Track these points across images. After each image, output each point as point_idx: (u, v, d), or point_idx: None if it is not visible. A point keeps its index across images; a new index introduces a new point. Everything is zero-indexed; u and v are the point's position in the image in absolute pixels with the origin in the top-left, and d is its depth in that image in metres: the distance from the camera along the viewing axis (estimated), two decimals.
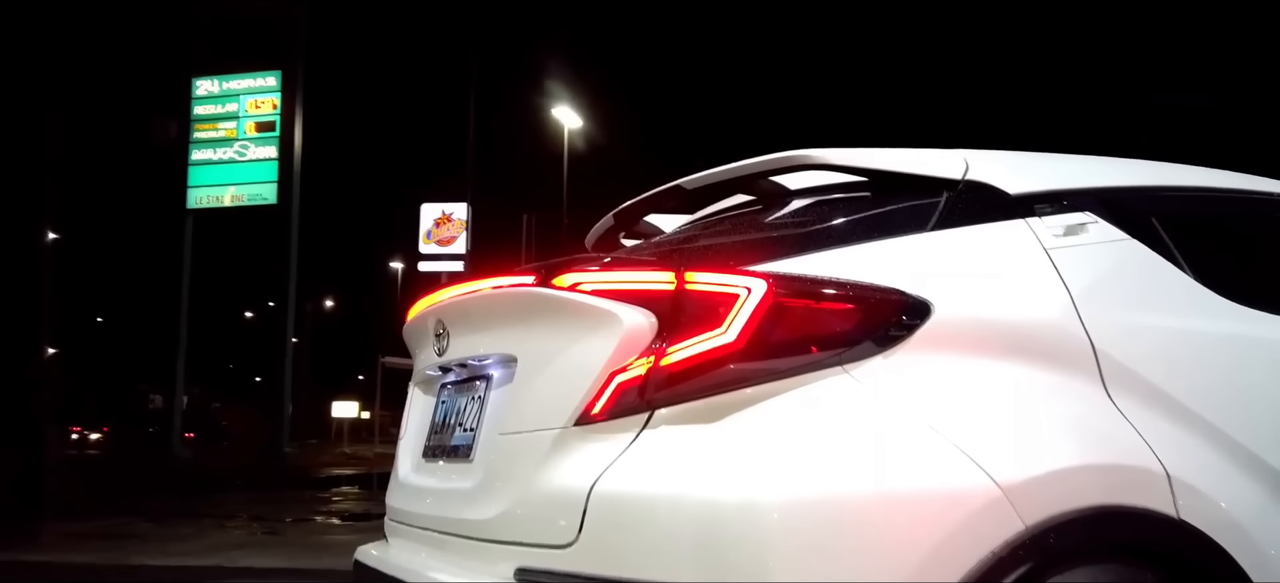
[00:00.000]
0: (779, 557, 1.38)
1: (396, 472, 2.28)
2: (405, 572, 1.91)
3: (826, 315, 1.55)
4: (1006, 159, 1.95)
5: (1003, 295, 1.69)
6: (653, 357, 1.54)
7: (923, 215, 1.78)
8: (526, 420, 1.68)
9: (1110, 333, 1.69)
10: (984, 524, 1.43)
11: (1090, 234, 1.84)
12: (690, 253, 1.80)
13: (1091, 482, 1.54)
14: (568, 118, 25.93)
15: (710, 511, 1.42)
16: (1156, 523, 1.56)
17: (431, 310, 2.07)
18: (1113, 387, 1.65)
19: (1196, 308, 1.86)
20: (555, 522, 1.54)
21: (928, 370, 1.54)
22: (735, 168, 2.08)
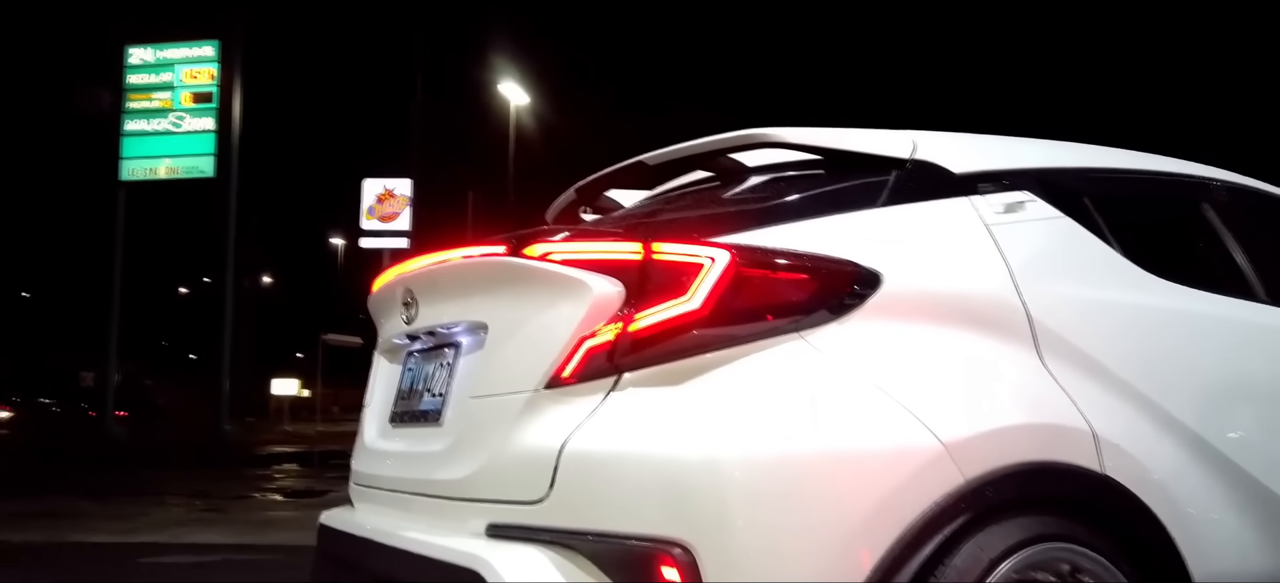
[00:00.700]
0: (739, 509, 1.47)
1: (362, 438, 2.33)
2: (375, 533, 1.97)
3: (785, 285, 1.65)
4: (951, 140, 2.07)
5: (947, 268, 1.80)
6: (621, 323, 1.62)
7: (873, 192, 1.88)
8: (497, 384, 1.75)
9: (1044, 304, 1.81)
10: (928, 478, 1.55)
11: (1027, 212, 1.97)
12: (656, 225, 1.88)
13: (1025, 440, 1.66)
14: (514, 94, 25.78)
15: (675, 467, 1.51)
16: (1083, 478, 1.69)
17: (399, 280, 2.13)
18: (1046, 353, 1.77)
19: (1122, 281, 2.00)
20: (527, 480, 1.62)
21: (878, 337, 1.65)
22: (696, 145, 2.16)
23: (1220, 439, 1.91)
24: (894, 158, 1.97)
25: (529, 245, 1.75)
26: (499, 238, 1.84)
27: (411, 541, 1.79)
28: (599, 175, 2.45)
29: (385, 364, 2.35)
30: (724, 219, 1.80)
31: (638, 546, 1.49)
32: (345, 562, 2.09)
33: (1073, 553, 1.66)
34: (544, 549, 1.57)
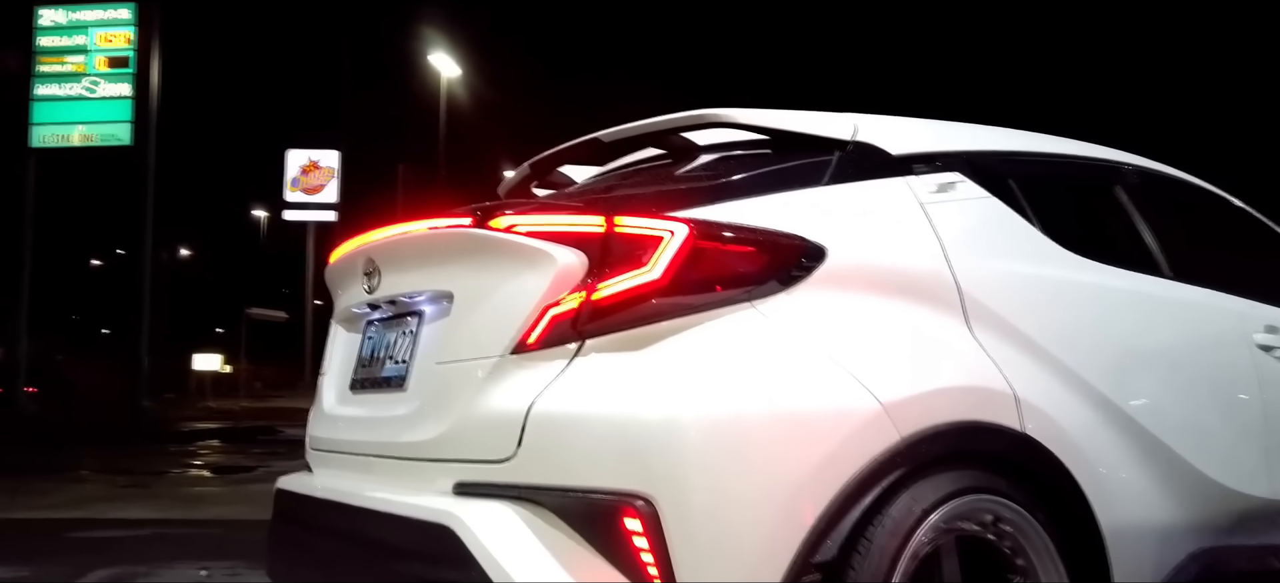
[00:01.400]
0: (697, 464, 1.59)
1: (320, 405, 2.39)
2: (340, 494, 2.04)
3: (738, 257, 1.76)
4: (889, 123, 2.21)
5: (885, 243, 1.94)
6: (584, 292, 1.72)
7: (818, 171, 2.01)
8: (464, 350, 1.83)
9: (973, 277, 1.97)
10: (868, 435, 1.68)
11: (958, 192, 2.12)
12: (616, 199, 1.97)
13: (954, 401, 1.81)
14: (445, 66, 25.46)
15: (638, 426, 1.62)
16: (1006, 436, 1.85)
17: (361, 250, 2.18)
18: (973, 322, 1.93)
19: (1042, 257, 2.17)
20: (495, 439, 1.71)
21: (823, 306, 1.78)
22: (650, 123, 2.26)
23: (1127, 402, 2.09)
24: (836, 139, 2.10)
25: (495, 217, 1.84)
26: (464, 209, 1.92)
27: (379, 500, 1.86)
28: (554, 151, 2.53)
29: (343, 333, 2.41)
30: (680, 195, 1.90)
31: (602, 499, 1.60)
32: (307, 524, 2.15)
33: (995, 504, 1.82)
34: (512, 504, 1.66)
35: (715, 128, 2.22)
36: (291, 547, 2.25)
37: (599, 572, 1.59)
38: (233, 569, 4.37)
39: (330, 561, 2.03)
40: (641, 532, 1.56)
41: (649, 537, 1.56)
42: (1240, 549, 2.26)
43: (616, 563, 1.58)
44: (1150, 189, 2.62)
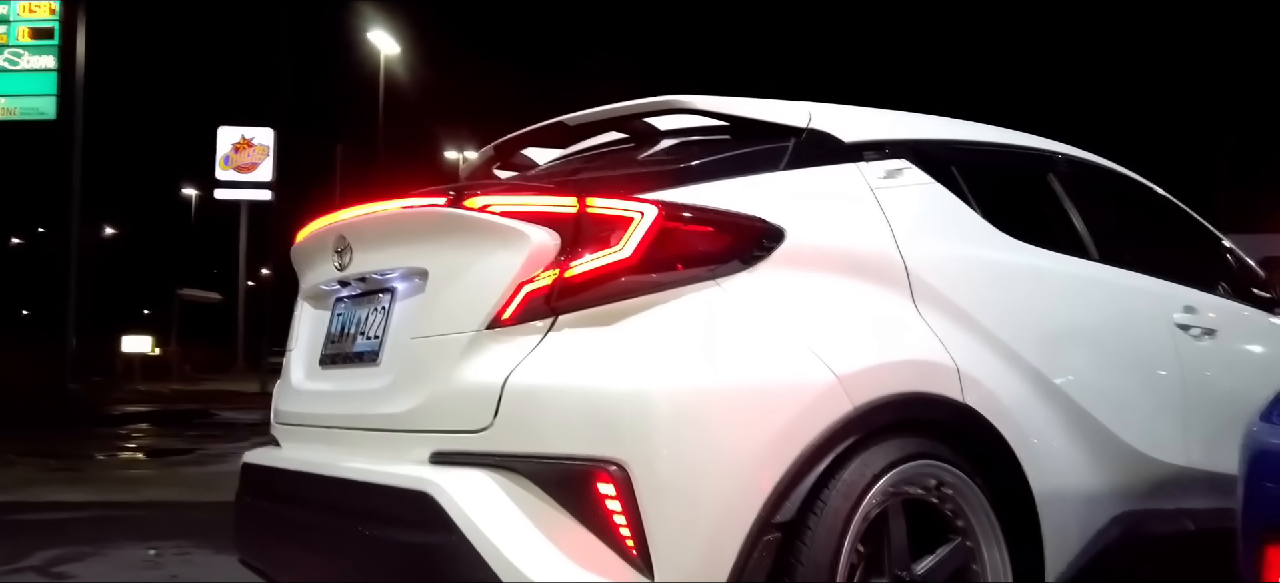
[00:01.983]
0: (667, 432, 1.68)
1: (288, 380, 2.43)
2: (314, 466, 2.09)
3: (703, 237, 1.86)
4: (841, 112, 2.32)
5: (839, 226, 2.06)
6: (557, 270, 1.80)
7: (776, 157, 2.12)
8: (439, 325, 1.90)
9: (919, 258, 2.10)
10: (824, 405, 1.80)
11: (905, 178, 2.25)
12: (587, 182, 2.05)
13: (902, 374, 1.94)
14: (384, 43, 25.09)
15: (611, 397, 1.71)
16: (949, 407, 1.99)
17: (332, 228, 2.23)
18: (919, 300, 2.06)
19: (981, 240, 2.31)
20: (472, 410, 1.78)
21: (782, 285, 1.89)
22: (614, 108, 2.34)
23: (1057, 376, 2.25)
24: (792, 127, 2.21)
25: (469, 197, 1.91)
26: (438, 189, 1.98)
27: (356, 470, 1.92)
28: (518, 134, 2.60)
29: (310, 310, 2.45)
30: (648, 178, 1.99)
31: (577, 465, 1.69)
32: (279, 497, 2.20)
33: (938, 469, 1.96)
34: (489, 472, 1.74)
35: (677, 114, 2.31)
36: (262, 519, 2.30)
37: (573, 533, 1.68)
38: (181, 549, 4.36)
39: (304, 531, 2.08)
40: (615, 495, 1.66)
41: (622, 500, 1.65)
42: (1158, 513, 2.44)
43: (589, 525, 1.68)
44: (1080, 177, 2.79)
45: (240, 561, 2.49)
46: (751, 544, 1.69)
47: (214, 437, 11.40)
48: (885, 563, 1.89)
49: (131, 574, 3.81)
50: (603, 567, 1.66)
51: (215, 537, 4.51)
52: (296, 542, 2.10)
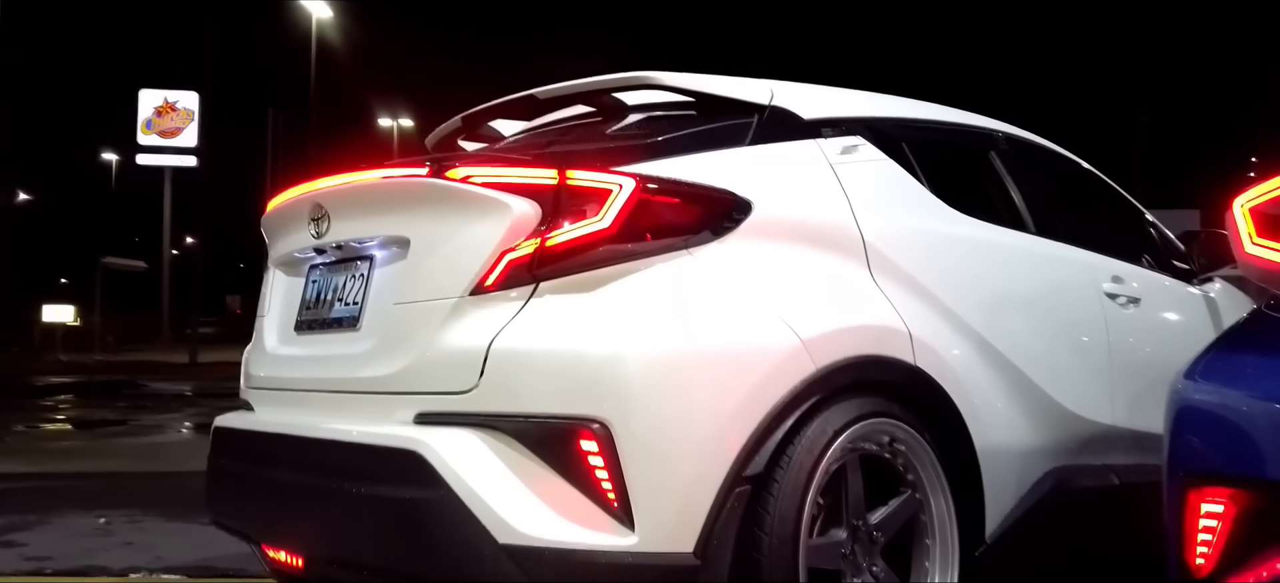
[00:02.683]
0: (647, 392, 1.79)
1: (261, 346, 2.47)
2: (295, 428, 2.15)
3: (677, 209, 1.96)
4: (800, 89, 2.44)
5: (801, 198, 2.18)
6: (538, 238, 1.88)
7: (742, 132, 2.22)
8: (422, 292, 1.97)
9: (874, 230, 2.23)
10: (789, 366, 1.92)
11: (860, 153, 2.37)
12: (564, 154, 2.13)
13: (860, 338, 2.07)
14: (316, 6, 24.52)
15: (593, 359, 1.80)
16: (901, 369, 2.13)
17: (308, 197, 2.27)
18: (875, 269, 2.19)
19: (930, 213, 2.45)
20: (457, 373, 1.86)
21: (750, 254, 2.00)
22: (585, 83, 2.42)
23: (998, 341, 2.41)
24: (756, 104, 2.31)
25: (451, 168, 1.97)
26: (420, 160, 2.04)
27: (343, 431, 1.99)
28: (487, 106, 2.66)
29: (283, 277, 2.49)
30: (622, 151, 2.08)
31: (561, 423, 1.78)
32: (259, 458, 2.25)
33: (891, 426, 2.10)
34: (474, 431, 1.83)
35: (645, 89, 2.40)
36: (239, 481, 2.34)
37: (557, 488, 1.78)
38: (131, 516, 4.34)
39: (286, 491, 2.13)
40: (597, 452, 1.76)
41: (604, 456, 1.75)
42: (1086, 468, 2.63)
43: (572, 480, 1.77)
44: (1017, 153, 2.96)
45: (213, 522, 2.53)
46: (724, 496, 1.80)
47: (145, 408, 11.17)
48: (843, 514, 2.02)
49: (84, 542, 3.79)
50: (586, 519, 1.76)
51: (163, 506, 4.50)
52: (279, 502, 2.15)
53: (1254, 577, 1.47)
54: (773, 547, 1.83)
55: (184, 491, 5.07)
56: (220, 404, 11.67)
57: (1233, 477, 1.51)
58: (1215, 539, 1.53)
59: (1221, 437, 1.55)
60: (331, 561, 2.05)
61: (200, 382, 15.51)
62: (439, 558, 1.77)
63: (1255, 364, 1.57)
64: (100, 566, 3.39)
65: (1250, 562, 1.49)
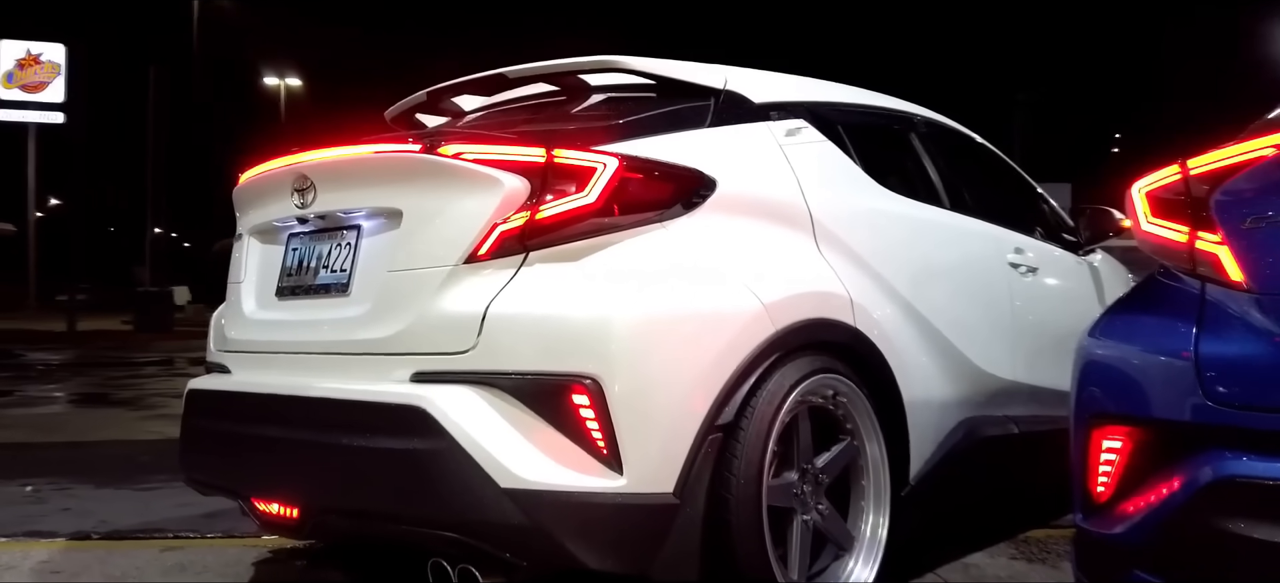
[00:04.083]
0: (635, 351, 1.99)
1: (239, 311, 2.56)
2: (286, 387, 2.27)
3: (654, 185, 2.16)
4: (750, 75, 2.66)
5: (757, 176, 2.41)
6: (528, 212, 2.05)
7: (702, 115, 2.43)
8: (417, 260, 2.12)
9: (819, 205, 2.47)
10: (753, 328, 2.15)
11: (804, 135, 2.62)
12: (549, 134, 2.29)
13: (811, 302, 2.32)
14: None
15: (582, 322, 1.99)
16: (844, 330, 2.39)
17: (291, 168, 2.37)
18: (820, 241, 2.44)
19: (863, 190, 2.72)
20: (456, 335, 2.02)
21: (715, 227, 2.22)
22: (553, 64, 2.59)
23: (920, 306, 2.70)
24: (711, 88, 2.52)
25: (444, 145, 2.12)
26: (413, 136, 2.18)
27: (344, 389, 2.12)
28: (455, 82, 2.79)
29: (258, 245, 2.58)
30: (599, 132, 2.26)
31: (556, 379, 1.96)
32: (245, 417, 2.35)
33: (835, 381, 2.36)
34: (473, 388, 1.99)
35: (609, 72, 2.58)
36: (223, 440, 2.44)
37: (551, 437, 1.96)
38: (57, 485, 4.29)
39: (278, 446, 2.25)
40: (588, 405, 1.95)
41: (595, 409, 1.95)
42: (991, 419, 2.97)
43: (565, 430, 1.96)
44: (934, 136, 3.26)
45: (190, 482, 2.62)
46: (700, 443, 2.03)
47: (30, 379, 10.69)
48: (795, 459, 2.28)
49: (19, 510, 3.75)
50: (579, 465, 1.95)
51: (86, 474, 4.46)
52: (274, 457, 2.26)
53: (1143, 500, 1.77)
54: (740, 487, 2.06)
55: (103, 459, 5.03)
56: (112, 376, 11.28)
57: (1128, 417, 1.81)
58: (1113, 471, 1.83)
59: (1119, 384, 1.85)
60: (331, 509, 2.18)
61: (82, 351, 14.88)
62: (446, 503, 1.94)
63: (1147, 324, 1.86)
64: (49, 530, 3.38)
65: (1140, 487, 1.79)
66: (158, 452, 5.38)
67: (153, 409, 7.40)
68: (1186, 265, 1.76)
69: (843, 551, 2.39)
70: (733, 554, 2.05)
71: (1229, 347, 1.64)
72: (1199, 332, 1.69)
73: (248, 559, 3.00)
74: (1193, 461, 1.63)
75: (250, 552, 3.09)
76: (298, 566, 2.94)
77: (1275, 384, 1.57)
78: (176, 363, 12.54)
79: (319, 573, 2.84)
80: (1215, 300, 1.69)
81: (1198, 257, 1.73)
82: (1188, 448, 1.65)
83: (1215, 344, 1.66)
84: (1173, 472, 1.68)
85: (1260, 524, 1.52)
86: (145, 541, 3.28)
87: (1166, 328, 1.77)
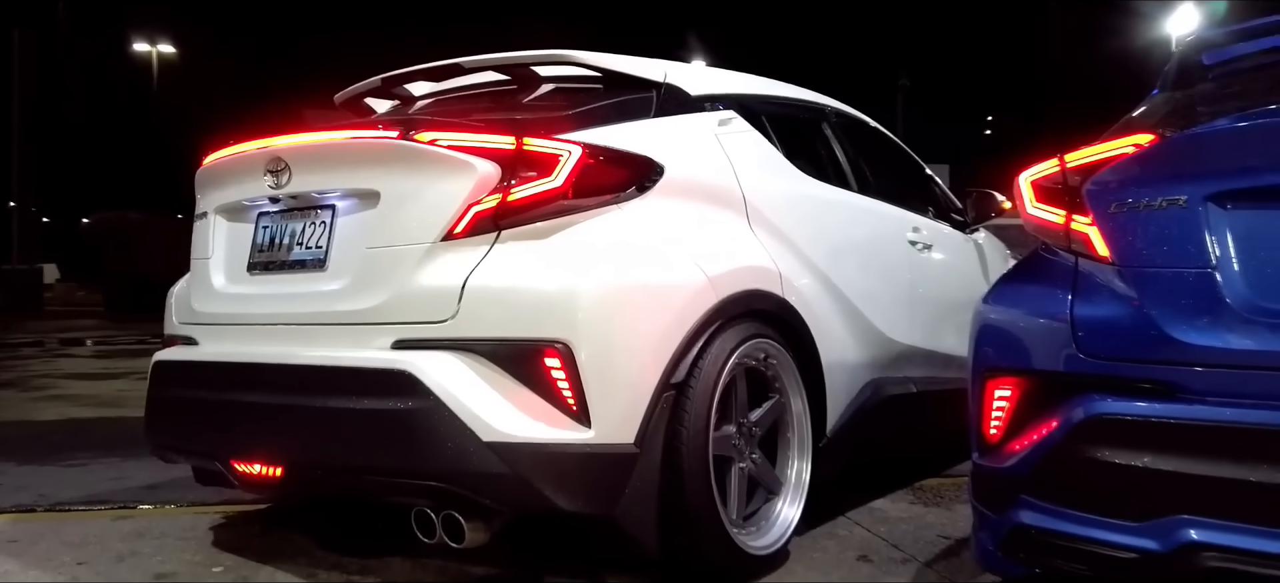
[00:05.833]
0: (600, 317, 2.23)
1: (208, 285, 2.68)
2: (265, 356, 2.42)
3: (612, 171, 2.40)
4: (686, 69, 2.93)
5: (698, 162, 2.68)
6: (500, 194, 2.27)
7: (647, 106, 2.69)
8: (396, 238, 2.31)
9: (751, 189, 2.77)
10: (699, 298, 2.43)
11: (734, 126, 2.90)
12: (516, 122, 2.50)
13: (747, 275, 2.61)
14: None
15: (553, 292, 2.22)
16: (774, 300, 2.69)
17: (264, 151, 2.51)
18: (752, 221, 2.74)
19: (786, 175, 3.03)
20: (435, 306, 2.23)
21: (664, 208, 2.48)
22: (508, 57, 2.80)
23: (836, 278, 3.03)
24: (654, 81, 2.78)
25: (419, 131, 2.31)
26: (389, 122, 2.36)
27: (331, 357, 2.30)
28: (409, 70, 2.97)
29: (225, 223, 2.71)
30: (559, 121, 2.48)
31: (530, 344, 2.19)
32: (222, 384, 2.50)
33: (767, 345, 2.66)
34: (453, 353, 2.21)
35: (560, 65, 2.80)
36: (197, 408, 2.57)
37: (526, 396, 2.19)
38: None
39: (260, 411, 2.40)
40: (560, 367, 2.19)
41: (565, 370, 2.19)
42: (893, 379, 3.34)
43: (538, 390, 2.20)
44: (843, 125, 3.61)
45: (159, 451, 2.74)
46: (656, 400, 2.29)
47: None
48: (733, 414, 2.57)
49: None
50: (551, 420, 2.19)
51: (7, 455, 4.42)
52: (255, 421, 2.41)
53: (1028, 438, 2.12)
54: (690, 437, 2.34)
55: (12, 441, 4.95)
56: None
57: (1016, 369, 2.15)
58: (1004, 416, 2.17)
59: (1009, 343, 2.19)
60: (318, 466, 2.36)
61: None
62: (432, 456, 2.15)
63: (1031, 292, 2.22)
64: None
65: (1026, 428, 2.14)
66: (68, 431, 5.34)
67: (42, 391, 7.22)
68: (1063, 243, 2.11)
69: (772, 493, 2.70)
70: (684, 496, 2.33)
71: (1097, 310, 2.00)
72: (1073, 298, 2.04)
73: (203, 525, 3.12)
74: (1068, 404, 1.98)
75: (204, 518, 3.20)
76: (253, 530, 3.07)
77: (1134, 340, 1.93)
78: (49, 343, 12.08)
79: (275, 534, 2.98)
80: (1086, 272, 2.04)
81: (1072, 236, 2.08)
82: (1064, 393, 2.00)
83: (1087, 308, 2.01)
84: (1052, 414, 2.02)
85: (1121, 451, 1.88)
86: (93, 511, 3.35)
87: (1047, 295, 2.11)
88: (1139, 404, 1.88)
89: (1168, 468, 1.82)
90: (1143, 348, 1.90)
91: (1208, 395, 1.81)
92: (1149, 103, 2.48)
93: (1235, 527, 1.75)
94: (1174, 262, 1.90)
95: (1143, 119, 2.33)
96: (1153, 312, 1.89)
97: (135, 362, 9.13)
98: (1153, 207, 1.95)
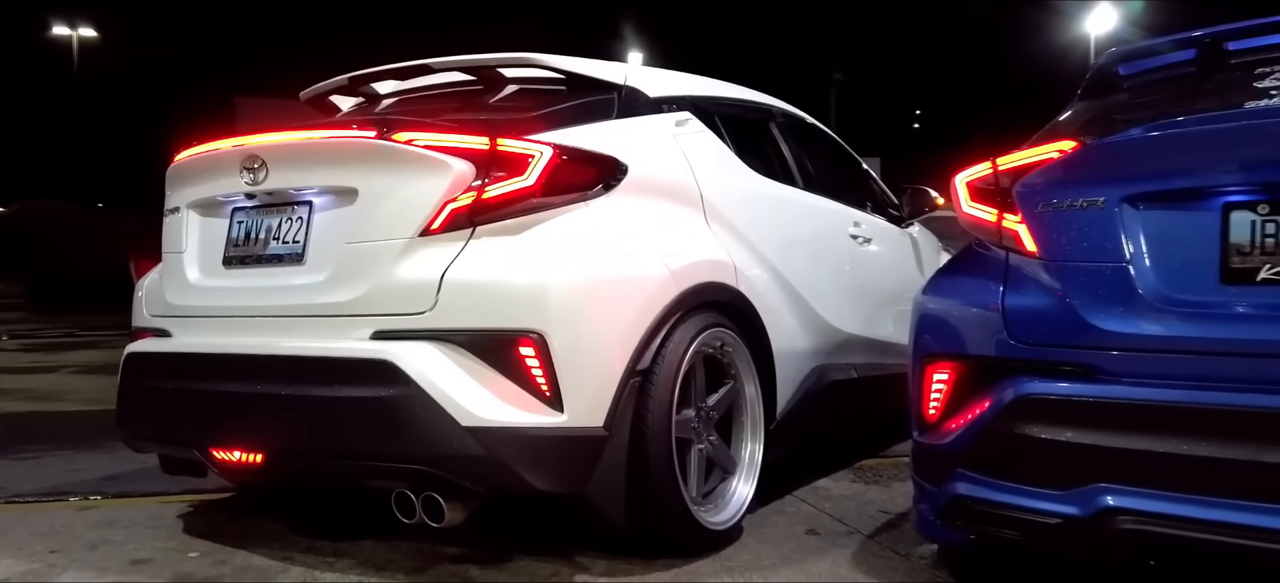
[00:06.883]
0: (571, 308, 2.37)
1: (182, 279, 2.75)
2: (243, 347, 2.51)
3: (580, 170, 2.54)
4: (644, 71, 3.08)
5: (658, 162, 2.83)
6: (475, 192, 2.39)
7: (610, 107, 2.84)
8: (375, 234, 2.41)
9: (707, 187, 2.93)
10: (663, 289, 2.58)
11: (690, 126, 3.07)
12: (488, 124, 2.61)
13: (704, 268, 2.77)
14: None
15: (528, 285, 2.35)
16: (729, 291, 2.86)
17: (240, 149, 2.59)
18: (709, 217, 2.90)
19: (739, 173, 3.20)
20: (415, 298, 2.34)
21: (629, 206, 2.63)
22: (474, 58, 2.92)
23: (785, 271, 3.22)
24: (614, 83, 2.93)
25: (396, 131, 2.42)
26: (365, 122, 2.46)
27: (313, 347, 2.40)
28: (377, 69, 3.06)
29: (199, 218, 2.77)
30: (528, 122, 2.61)
31: (506, 334, 2.32)
32: (199, 375, 2.57)
33: (723, 334, 2.83)
34: (432, 343, 2.32)
35: (524, 67, 2.93)
36: (173, 399, 2.64)
37: (502, 384, 2.32)
38: None
39: (240, 400, 2.49)
40: (534, 355, 2.32)
41: (539, 358, 2.32)
42: (836, 365, 3.54)
43: (514, 378, 2.33)
44: (789, 125, 3.80)
45: (131, 442, 2.80)
46: (624, 386, 2.44)
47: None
48: (692, 398, 2.74)
49: None
50: (526, 405, 2.33)
51: None
52: (236, 410, 2.49)
53: (963, 417, 2.32)
54: (655, 421, 2.50)
55: None
56: None
57: (953, 355, 2.35)
58: (942, 397, 2.37)
59: (946, 330, 2.39)
60: (300, 453, 2.45)
61: None
62: (414, 441, 2.27)
63: (966, 284, 2.42)
64: None
65: (961, 408, 2.34)
66: (8, 425, 5.27)
67: None
68: (995, 239, 2.31)
69: (728, 473, 2.88)
70: (648, 476, 2.49)
71: (1026, 301, 2.20)
72: (1004, 290, 2.24)
73: (171, 514, 3.17)
74: (1000, 385, 2.18)
75: (170, 508, 3.25)
76: (222, 517, 3.14)
77: (1058, 328, 2.14)
78: None
79: (246, 520, 3.06)
80: (1016, 266, 2.25)
81: (1004, 233, 2.28)
82: (996, 376, 2.20)
83: (1016, 299, 2.21)
84: (985, 394, 2.22)
85: (1046, 427, 2.09)
86: (55, 502, 3.37)
87: (981, 287, 2.31)
88: (1062, 385, 2.09)
89: (1087, 442, 2.04)
90: (1066, 335, 2.11)
91: (1123, 377, 2.03)
92: (1072, 109, 2.70)
93: (1147, 493, 1.97)
94: (1093, 257, 2.12)
95: (1066, 125, 2.55)
96: (1074, 302, 2.11)
97: (65, 355, 8.95)
98: (1075, 207, 2.16)
